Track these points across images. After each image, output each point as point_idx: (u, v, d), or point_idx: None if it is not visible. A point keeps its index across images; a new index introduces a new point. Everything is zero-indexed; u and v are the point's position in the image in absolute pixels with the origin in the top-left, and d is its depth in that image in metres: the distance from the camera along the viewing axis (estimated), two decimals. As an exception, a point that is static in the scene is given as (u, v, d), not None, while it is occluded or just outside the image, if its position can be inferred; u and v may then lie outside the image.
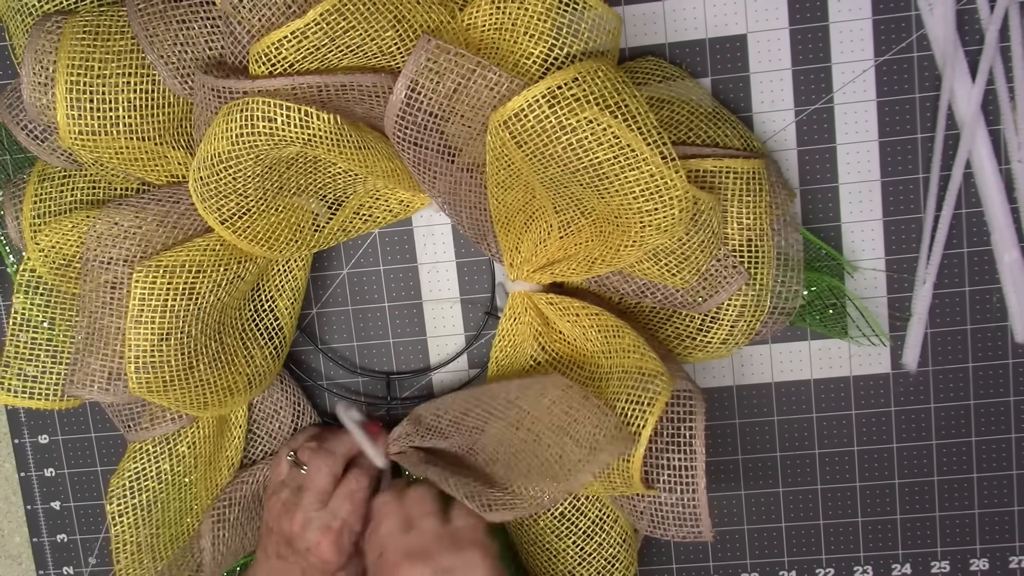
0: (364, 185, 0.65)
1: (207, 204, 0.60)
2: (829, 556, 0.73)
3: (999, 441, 0.70)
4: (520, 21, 0.56)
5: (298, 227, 0.64)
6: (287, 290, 0.68)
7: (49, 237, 0.62)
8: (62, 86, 0.57)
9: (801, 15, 0.66)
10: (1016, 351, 0.69)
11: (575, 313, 0.63)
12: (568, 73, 0.54)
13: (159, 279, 0.59)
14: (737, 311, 0.64)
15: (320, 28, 0.54)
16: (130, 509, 0.66)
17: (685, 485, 0.60)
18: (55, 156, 0.63)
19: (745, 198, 0.62)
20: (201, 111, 0.58)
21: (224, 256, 0.62)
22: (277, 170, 0.59)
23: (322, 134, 0.56)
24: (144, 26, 0.58)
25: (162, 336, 0.60)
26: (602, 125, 0.53)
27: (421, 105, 0.57)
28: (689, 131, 0.63)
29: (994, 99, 0.66)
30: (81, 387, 0.61)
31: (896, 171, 0.68)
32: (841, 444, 0.71)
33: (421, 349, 0.72)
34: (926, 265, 0.68)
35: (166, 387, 0.61)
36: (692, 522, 0.60)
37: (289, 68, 0.56)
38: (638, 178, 0.54)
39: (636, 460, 0.59)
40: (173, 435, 0.66)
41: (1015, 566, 0.72)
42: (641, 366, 0.60)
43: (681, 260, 0.60)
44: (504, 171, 0.59)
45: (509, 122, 0.55)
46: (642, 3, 0.67)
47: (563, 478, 0.60)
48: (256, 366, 0.67)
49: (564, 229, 0.61)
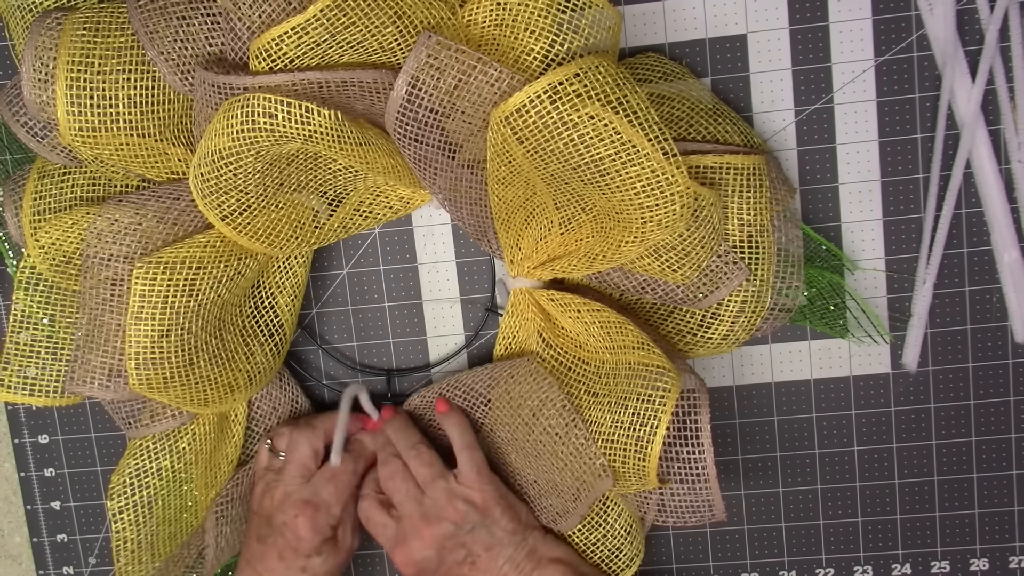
0: (364, 182, 0.65)
1: (208, 200, 0.60)
2: (829, 556, 0.73)
3: (999, 441, 0.70)
4: (521, 17, 0.56)
5: (298, 223, 0.65)
6: (287, 287, 0.68)
7: (49, 234, 0.62)
8: (62, 82, 0.57)
9: (801, 15, 0.67)
10: (1016, 351, 0.69)
11: (576, 309, 0.63)
12: (570, 69, 0.54)
13: (159, 275, 0.59)
14: (738, 307, 0.64)
15: (320, 24, 0.54)
16: (130, 506, 0.66)
17: (696, 476, 0.61)
18: (55, 153, 0.63)
19: (745, 194, 0.62)
20: (201, 107, 0.58)
21: (224, 252, 0.62)
22: (277, 166, 0.59)
23: (323, 130, 0.56)
24: (144, 22, 0.58)
25: (162, 333, 0.60)
26: (603, 121, 0.53)
27: (422, 101, 0.57)
28: (689, 127, 0.63)
29: (994, 99, 0.66)
30: (81, 384, 0.61)
31: (896, 171, 0.68)
32: (841, 444, 0.71)
33: (421, 349, 0.72)
34: (926, 265, 0.68)
35: (166, 384, 0.61)
36: (705, 509, 0.62)
37: (289, 64, 0.56)
38: (639, 174, 0.55)
39: (652, 459, 0.60)
40: (174, 432, 0.66)
41: (1015, 566, 0.72)
42: (647, 362, 0.61)
43: (682, 256, 0.60)
44: (505, 167, 0.59)
45: (511, 118, 0.55)
46: (642, 3, 0.67)
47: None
48: (256, 363, 0.67)
49: (565, 225, 0.61)
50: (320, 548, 0.65)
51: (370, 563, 0.75)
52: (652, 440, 0.59)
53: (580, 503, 0.64)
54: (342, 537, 0.66)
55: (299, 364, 0.73)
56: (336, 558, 0.66)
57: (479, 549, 0.64)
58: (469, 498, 0.64)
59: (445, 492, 0.64)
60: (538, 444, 0.64)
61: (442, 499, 0.64)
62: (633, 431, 0.60)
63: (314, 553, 0.65)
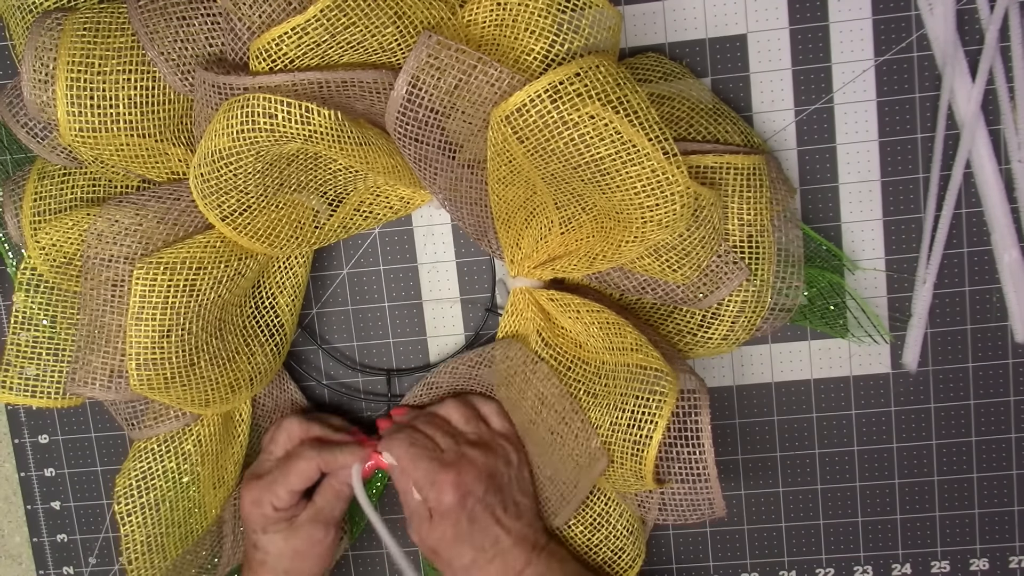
0: (364, 181, 0.65)
1: (208, 201, 0.60)
2: (829, 556, 0.73)
3: (999, 441, 0.70)
4: (521, 17, 0.56)
5: (298, 223, 0.65)
6: (288, 287, 0.68)
7: (49, 235, 0.62)
8: (62, 83, 0.57)
9: (801, 15, 0.67)
10: (1016, 351, 0.69)
11: (576, 309, 0.63)
12: (570, 68, 0.54)
13: (160, 276, 0.59)
14: (738, 307, 0.64)
15: (321, 24, 0.54)
16: (138, 508, 0.66)
17: (697, 476, 0.61)
18: (55, 154, 0.63)
19: (746, 194, 0.62)
20: (201, 107, 0.58)
21: (225, 253, 0.62)
22: (278, 166, 0.59)
23: (323, 130, 0.56)
24: (144, 23, 0.58)
25: (163, 333, 0.60)
26: (604, 121, 0.53)
27: (422, 101, 0.57)
28: (689, 127, 0.63)
29: (994, 99, 0.66)
30: (83, 385, 0.61)
31: (896, 171, 0.68)
32: (841, 444, 0.71)
33: (421, 349, 0.72)
34: (926, 265, 0.68)
35: (167, 384, 0.61)
36: (706, 507, 0.62)
37: (289, 64, 0.56)
38: (640, 174, 0.55)
39: (648, 462, 0.60)
40: (178, 433, 0.66)
41: (1015, 566, 0.72)
42: (645, 364, 0.61)
43: (682, 256, 0.60)
44: (505, 167, 0.59)
45: (511, 117, 0.55)
46: (642, 3, 0.67)
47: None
48: (257, 363, 0.67)
49: (565, 225, 0.61)
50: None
51: (370, 563, 0.75)
52: (649, 443, 0.59)
53: (579, 489, 0.64)
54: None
55: (299, 364, 0.73)
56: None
57: (511, 499, 0.64)
58: (508, 436, 0.66)
59: (486, 430, 0.66)
60: (541, 431, 0.64)
61: (486, 434, 0.65)
62: (630, 433, 0.60)
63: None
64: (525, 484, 0.66)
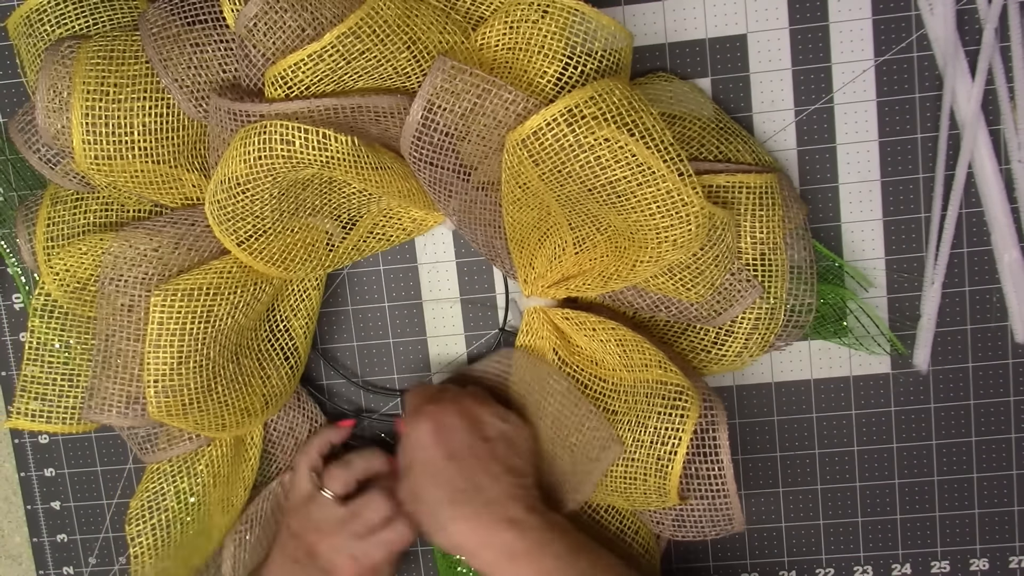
0: (378, 204, 0.65)
1: (224, 227, 0.60)
2: (829, 556, 0.73)
3: (999, 441, 0.70)
4: (534, 40, 0.56)
5: (313, 247, 0.65)
6: (302, 310, 0.68)
7: (63, 260, 0.62)
8: (78, 112, 0.57)
9: (801, 15, 0.67)
10: (1016, 351, 0.69)
11: (591, 327, 0.64)
12: (585, 92, 0.54)
13: (177, 303, 0.59)
14: (751, 324, 0.64)
15: (336, 51, 0.54)
16: (148, 530, 0.66)
17: (716, 492, 0.62)
18: (68, 179, 0.62)
19: (758, 212, 0.62)
20: (216, 134, 0.58)
21: (241, 278, 0.62)
22: (293, 192, 0.60)
23: (340, 156, 0.56)
24: (158, 50, 0.58)
25: (181, 359, 0.60)
26: (619, 143, 0.54)
27: (437, 125, 0.57)
28: (701, 147, 0.63)
29: (994, 99, 0.66)
30: (99, 411, 0.61)
31: (896, 171, 0.68)
32: (841, 444, 0.71)
33: (421, 349, 0.72)
34: (933, 265, 0.68)
35: (185, 410, 0.61)
36: (724, 522, 0.63)
37: (305, 91, 0.56)
38: (655, 195, 0.55)
39: (673, 477, 0.60)
40: (191, 455, 0.66)
41: (1015, 566, 0.72)
42: (665, 380, 0.61)
43: (696, 275, 0.61)
44: (519, 189, 0.59)
45: (527, 140, 0.55)
46: (642, 3, 0.67)
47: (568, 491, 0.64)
48: (272, 386, 0.67)
49: (579, 245, 0.61)
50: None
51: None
52: (673, 459, 0.60)
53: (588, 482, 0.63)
54: None
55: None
56: None
57: (502, 452, 0.62)
58: (508, 418, 0.65)
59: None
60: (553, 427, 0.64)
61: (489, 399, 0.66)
62: (654, 450, 0.61)
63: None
64: (522, 449, 0.64)
